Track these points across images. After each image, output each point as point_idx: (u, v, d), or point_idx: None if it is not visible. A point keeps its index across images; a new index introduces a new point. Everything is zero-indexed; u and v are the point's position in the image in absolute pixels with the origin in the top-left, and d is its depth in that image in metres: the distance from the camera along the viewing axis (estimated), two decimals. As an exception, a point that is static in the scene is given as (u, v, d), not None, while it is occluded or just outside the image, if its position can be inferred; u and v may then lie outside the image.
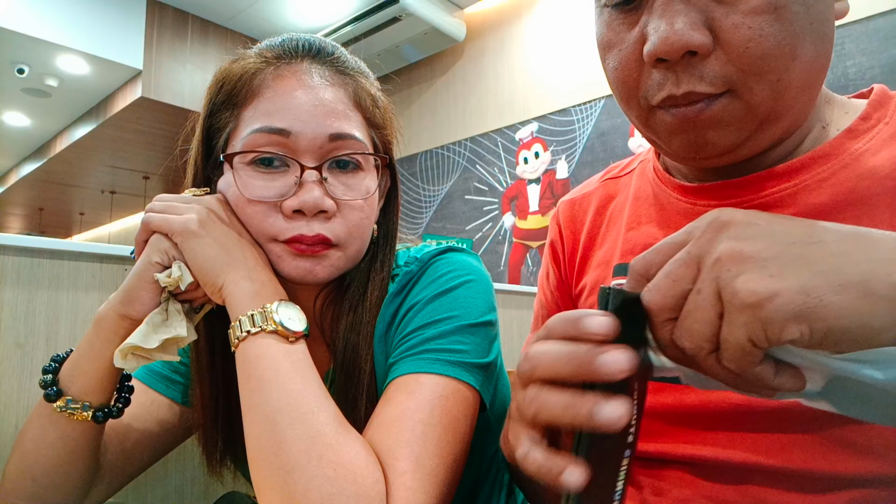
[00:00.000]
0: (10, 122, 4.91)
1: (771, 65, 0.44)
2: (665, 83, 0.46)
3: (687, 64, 0.44)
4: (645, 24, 0.46)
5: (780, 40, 0.43)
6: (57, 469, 0.59)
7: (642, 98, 0.49)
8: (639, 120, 0.51)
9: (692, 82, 0.45)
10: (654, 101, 0.48)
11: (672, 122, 0.47)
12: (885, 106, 0.51)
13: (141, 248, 0.59)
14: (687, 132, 0.47)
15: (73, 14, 3.52)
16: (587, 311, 0.33)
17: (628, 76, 0.49)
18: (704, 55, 0.44)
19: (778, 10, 0.43)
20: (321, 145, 0.59)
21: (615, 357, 0.31)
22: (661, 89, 0.46)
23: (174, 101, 3.83)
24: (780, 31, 0.43)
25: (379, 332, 0.63)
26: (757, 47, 0.43)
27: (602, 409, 0.31)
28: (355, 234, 0.61)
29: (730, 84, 0.45)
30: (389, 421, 0.53)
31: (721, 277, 0.30)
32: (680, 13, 0.43)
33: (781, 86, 0.45)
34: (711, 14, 0.44)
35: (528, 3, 3.52)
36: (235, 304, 0.55)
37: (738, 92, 0.45)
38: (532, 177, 3.40)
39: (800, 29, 0.43)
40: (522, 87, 3.51)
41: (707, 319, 0.31)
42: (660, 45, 0.44)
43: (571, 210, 0.69)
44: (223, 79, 0.62)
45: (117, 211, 7.50)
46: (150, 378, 0.71)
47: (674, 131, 0.48)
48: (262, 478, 0.48)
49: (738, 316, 0.29)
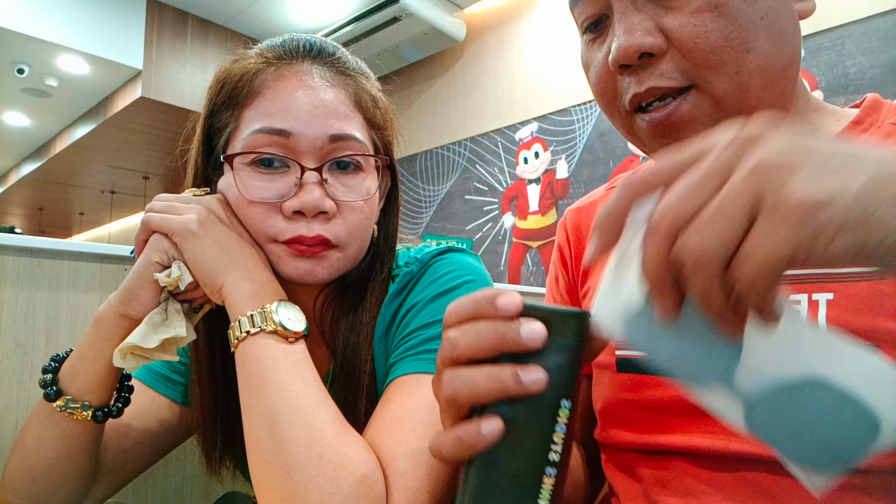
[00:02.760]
0: (10, 122, 4.91)
1: (723, 57, 0.47)
2: (630, 86, 0.51)
3: (646, 65, 0.50)
4: (610, 40, 0.52)
5: (728, 34, 0.47)
6: (57, 468, 0.59)
7: (621, 105, 0.53)
8: (623, 128, 0.56)
9: (652, 79, 0.50)
10: (626, 105, 0.52)
11: (648, 128, 0.52)
12: (877, 111, 0.54)
13: (141, 247, 0.59)
14: (665, 136, 0.51)
15: (73, 14, 3.52)
16: (500, 290, 0.35)
17: (605, 87, 0.54)
18: (660, 55, 0.49)
19: (719, 8, 0.47)
20: (322, 146, 0.59)
21: (534, 327, 0.34)
22: (628, 92, 0.51)
23: (174, 101, 3.83)
24: (725, 25, 0.47)
25: (379, 333, 0.63)
26: (704, 42, 0.47)
27: (524, 372, 0.33)
28: (355, 234, 0.61)
29: (689, 79, 0.49)
30: (389, 421, 0.53)
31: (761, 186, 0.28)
32: (633, 23, 0.49)
33: (742, 78, 0.48)
34: (661, 19, 0.49)
35: (528, 3, 3.52)
36: (235, 305, 0.55)
37: (701, 87, 0.49)
38: (532, 177, 3.40)
39: (747, 22, 0.47)
40: (522, 87, 3.51)
41: (732, 228, 0.28)
42: (618, 53, 0.49)
43: (578, 217, 0.71)
44: (224, 79, 0.62)
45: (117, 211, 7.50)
46: (149, 378, 0.71)
47: (652, 136, 0.52)
48: (261, 478, 0.48)
49: (782, 225, 0.27)
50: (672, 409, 0.51)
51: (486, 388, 0.34)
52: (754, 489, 0.46)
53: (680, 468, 0.50)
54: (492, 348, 0.34)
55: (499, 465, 0.34)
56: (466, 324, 0.36)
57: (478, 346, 0.35)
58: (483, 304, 0.35)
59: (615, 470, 0.57)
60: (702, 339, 0.32)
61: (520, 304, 0.34)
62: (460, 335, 0.35)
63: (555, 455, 0.34)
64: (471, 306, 0.36)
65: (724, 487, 0.47)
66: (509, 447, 0.34)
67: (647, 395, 0.53)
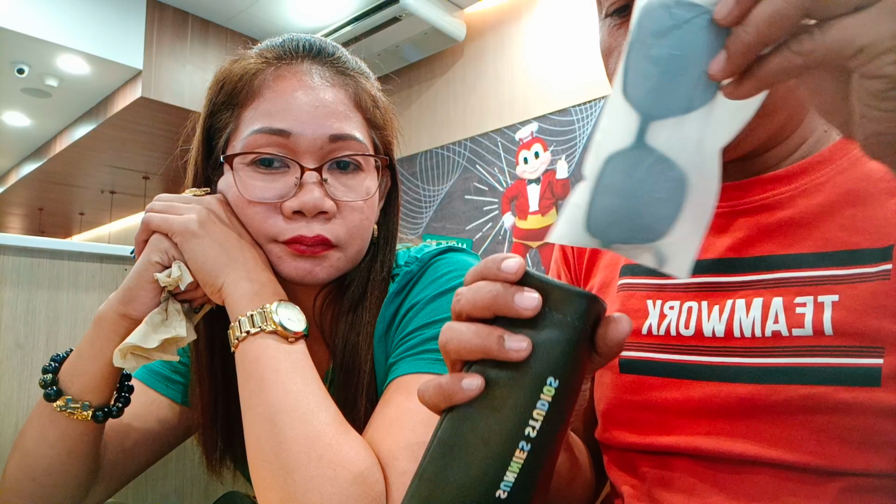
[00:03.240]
0: (10, 122, 4.90)
1: None
2: None
3: None
4: None
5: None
6: (57, 468, 0.59)
7: None
8: None
9: None
10: None
11: None
12: None
13: (141, 247, 0.59)
14: None
15: (73, 14, 3.51)
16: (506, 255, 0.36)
17: None
18: None
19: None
20: (321, 146, 0.59)
21: (529, 294, 0.34)
22: None
23: (174, 101, 3.83)
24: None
25: (379, 333, 0.63)
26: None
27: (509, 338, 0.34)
28: (355, 234, 0.61)
29: None
30: (389, 421, 0.53)
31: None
32: None
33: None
34: None
35: (528, 3, 3.52)
36: (235, 305, 0.55)
37: None
38: (532, 177, 3.40)
39: None
40: (522, 87, 3.51)
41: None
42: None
43: None
44: (224, 79, 0.62)
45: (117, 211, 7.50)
46: (150, 378, 0.71)
47: None
48: (261, 478, 0.48)
49: (883, 21, 0.26)
50: (675, 410, 0.51)
51: (472, 343, 0.35)
52: (758, 490, 0.46)
53: (683, 468, 0.50)
54: (486, 308, 0.35)
55: (473, 423, 0.34)
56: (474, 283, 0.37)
57: (475, 304, 0.36)
58: (489, 265, 0.36)
59: (618, 471, 0.57)
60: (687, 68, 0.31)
61: (522, 268, 0.35)
62: (465, 291, 0.37)
63: (531, 431, 0.33)
64: (481, 266, 0.37)
65: (728, 488, 0.47)
66: (487, 409, 0.34)
67: (650, 396, 0.53)
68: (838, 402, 0.43)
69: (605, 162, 0.33)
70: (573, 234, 0.34)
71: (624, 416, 0.55)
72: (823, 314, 0.45)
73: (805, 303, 0.46)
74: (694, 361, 0.50)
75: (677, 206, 0.33)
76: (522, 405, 0.33)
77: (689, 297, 0.53)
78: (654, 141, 0.32)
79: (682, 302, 0.53)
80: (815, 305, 0.45)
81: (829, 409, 0.43)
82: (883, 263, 0.44)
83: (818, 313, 0.45)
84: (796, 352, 0.45)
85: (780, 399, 0.45)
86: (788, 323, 0.46)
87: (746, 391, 0.47)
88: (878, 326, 0.43)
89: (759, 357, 0.47)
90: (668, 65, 0.31)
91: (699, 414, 0.50)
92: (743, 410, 0.47)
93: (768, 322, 0.47)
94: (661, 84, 0.31)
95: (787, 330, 0.46)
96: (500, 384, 0.34)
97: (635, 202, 0.33)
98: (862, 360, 0.42)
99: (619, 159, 0.32)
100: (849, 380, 0.43)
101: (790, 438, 0.45)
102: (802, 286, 0.47)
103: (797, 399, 0.44)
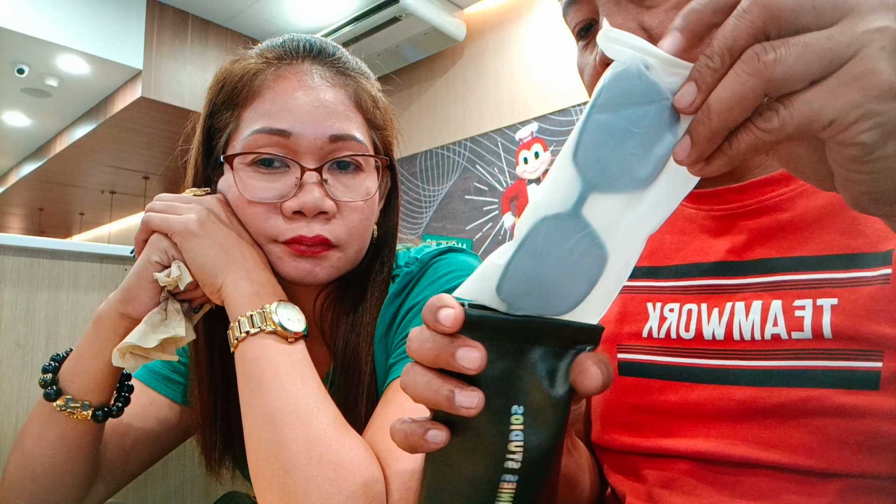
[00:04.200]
0: (10, 122, 4.90)
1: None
2: None
3: None
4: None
5: None
6: (57, 468, 0.59)
7: None
8: None
9: None
10: None
11: None
12: None
13: (141, 247, 0.59)
14: None
15: (73, 14, 3.51)
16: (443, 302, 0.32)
17: None
18: None
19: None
20: (321, 146, 0.59)
21: (469, 353, 0.31)
22: None
23: (174, 101, 3.83)
24: None
25: (379, 333, 0.63)
26: None
27: (460, 393, 0.32)
28: (355, 235, 0.61)
29: None
30: (389, 422, 0.53)
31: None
32: (616, 23, 0.51)
33: None
34: (641, 18, 0.51)
35: (528, 3, 3.52)
36: (234, 305, 0.55)
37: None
38: (532, 177, 3.40)
39: None
40: (522, 87, 3.51)
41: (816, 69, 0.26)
42: (602, 57, 0.53)
43: None
44: (224, 79, 0.62)
45: (117, 211, 7.50)
46: (149, 377, 0.71)
47: None
48: (261, 478, 0.48)
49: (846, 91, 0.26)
50: (675, 412, 0.51)
51: (425, 395, 0.33)
52: (758, 492, 0.46)
53: (683, 470, 0.50)
54: (432, 362, 0.33)
55: (453, 469, 0.34)
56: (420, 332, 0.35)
57: (422, 357, 0.34)
58: (427, 314, 0.33)
59: (617, 474, 0.57)
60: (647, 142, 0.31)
61: (458, 321, 0.32)
62: (413, 338, 0.34)
63: (513, 463, 0.32)
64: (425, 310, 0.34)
65: (728, 490, 0.47)
66: (462, 451, 0.33)
67: (650, 398, 0.53)
68: (837, 406, 0.43)
69: (538, 222, 0.31)
70: (481, 291, 0.32)
71: (624, 419, 0.55)
72: (823, 317, 0.45)
73: (804, 306, 0.46)
74: (694, 364, 0.50)
75: (591, 284, 0.33)
76: (495, 443, 0.33)
77: (689, 300, 0.53)
78: (589, 214, 0.31)
79: (681, 304, 0.53)
80: (815, 309, 0.45)
81: (828, 411, 0.43)
82: (882, 267, 0.44)
83: (817, 316, 0.45)
84: (795, 355, 0.45)
85: (780, 402, 0.45)
86: (788, 326, 0.46)
87: (746, 394, 0.47)
88: (877, 330, 0.43)
89: (758, 360, 0.47)
90: (622, 139, 0.30)
91: (699, 416, 0.50)
92: (743, 413, 0.47)
93: (768, 325, 0.47)
94: (611, 156, 0.31)
95: (786, 333, 0.46)
96: (467, 427, 0.33)
97: (555, 274, 0.32)
98: (861, 363, 0.43)
99: (552, 224, 0.31)
100: (848, 383, 0.43)
101: (789, 441, 0.45)
102: (802, 289, 0.47)
103: (796, 402, 0.44)
